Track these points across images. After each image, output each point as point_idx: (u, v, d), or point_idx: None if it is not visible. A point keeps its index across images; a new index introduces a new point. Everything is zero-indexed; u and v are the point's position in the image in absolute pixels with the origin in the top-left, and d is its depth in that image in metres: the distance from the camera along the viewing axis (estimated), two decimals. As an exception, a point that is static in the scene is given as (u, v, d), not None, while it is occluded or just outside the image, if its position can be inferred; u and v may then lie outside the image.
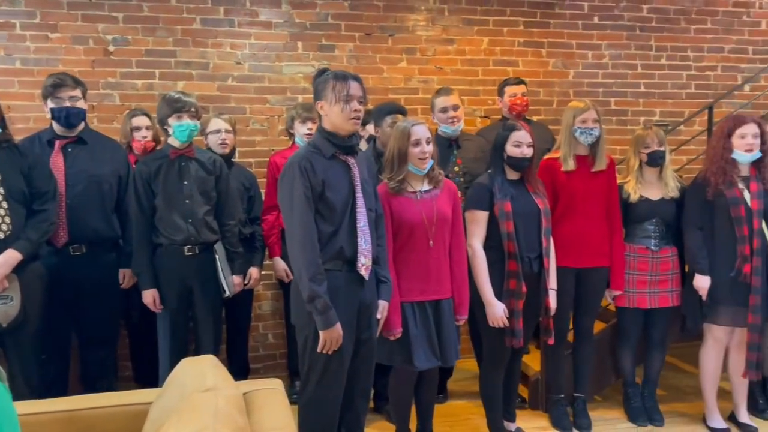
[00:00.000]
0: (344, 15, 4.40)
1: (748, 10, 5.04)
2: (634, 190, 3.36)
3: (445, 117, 3.48)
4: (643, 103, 4.95)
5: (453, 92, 3.57)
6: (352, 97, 2.37)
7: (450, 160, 3.49)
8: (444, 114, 3.49)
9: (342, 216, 2.39)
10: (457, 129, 3.51)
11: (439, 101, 3.53)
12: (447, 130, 3.49)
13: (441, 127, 3.53)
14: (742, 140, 3.12)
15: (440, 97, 3.54)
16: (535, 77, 4.73)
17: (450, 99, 3.50)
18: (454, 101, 3.50)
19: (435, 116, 3.56)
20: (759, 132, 3.12)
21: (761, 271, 3.08)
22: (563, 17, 4.77)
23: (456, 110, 3.49)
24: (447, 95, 3.53)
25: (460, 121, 3.52)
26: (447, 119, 3.48)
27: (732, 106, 4.77)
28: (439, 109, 3.51)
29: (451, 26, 4.59)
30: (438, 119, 3.54)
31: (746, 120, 3.15)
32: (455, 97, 3.53)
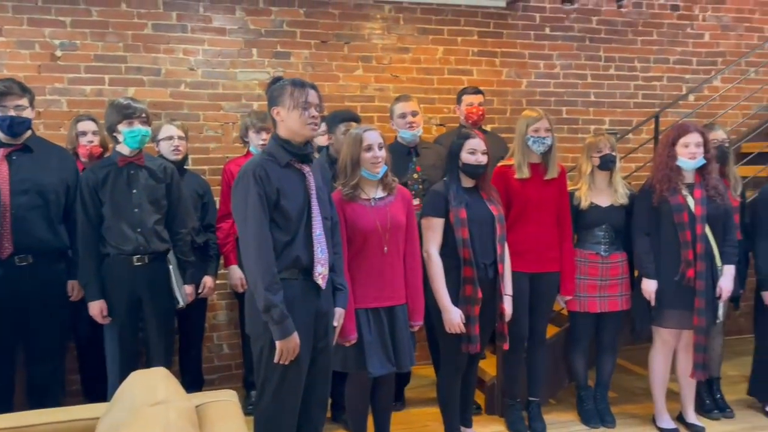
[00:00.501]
0: (299, 22, 4.39)
1: (691, 22, 5.24)
2: (585, 197, 3.44)
3: (404, 122, 3.52)
4: (593, 112, 5.08)
5: (412, 99, 3.64)
6: (310, 104, 2.37)
7: (409, 168, 3.53)
8: (403, 119, 3.53)
9: (298, 225, 2.38)
10: (416, 135, 3.55)
11: (398, 107, 3.57)
12: (406, 135, 3.53)
13: (400, 133, 3.56)
14: (685, 149, 3.23)
15: (399, 102, 3.59)
16: (489, 86, 4.80)
17: (409, 105, 3.55)
18: (413, 107, 3.55)
19: (394, 122, 3.60)
20: (702, 140, 3.24)
21: (705, 275, 3.19)
22: (516, 28, 4.87)
23: (415, 116, 3.54)
24: (406, 101, 3.59)
25: (418, 126, 3.56)
26: (405, 124, 3.52)
27: (677, 115, 4.94)
28: (398, 115, 3.55)
29: (406, 35, 4.63)
30: (397, 125, 3.58)
31: (689, 129, 3.26)
32: (414, 103, 3.59)
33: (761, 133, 5.06)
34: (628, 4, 5.08)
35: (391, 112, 3.64)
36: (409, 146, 3.57)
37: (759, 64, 5.18)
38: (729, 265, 3.30)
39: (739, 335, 5.00)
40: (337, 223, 2.63)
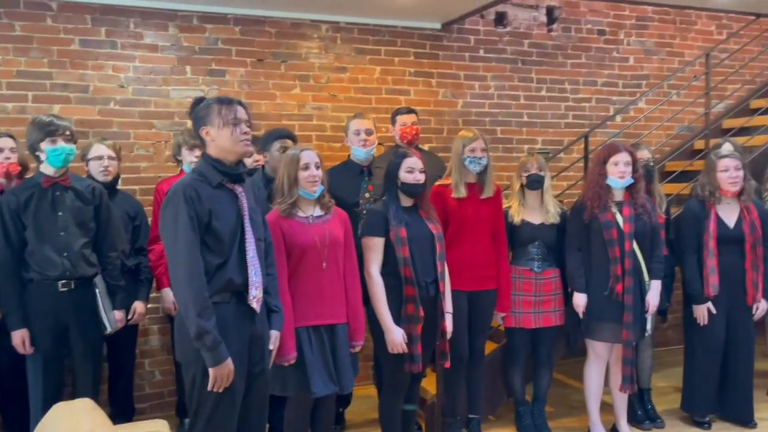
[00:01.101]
0: (235, 40, 4.34)
1: (617, 46, 5.47)
2: (517, 213, 3.52)
3: (358, 140, 3.54)
4: (526, 131, 5.22)
5: (368, 117, 3.67)
6: (240, 120, 2.33)
7: (362, 187, 3.52)
8: (357, 137, 3.55)
9: (230, 247, 2.32)
10: (370, 153, 3.56)
11: (353, 124, 3.59)
12: (359, 153, 3.53)
13: (353, 150, 3.56)
14: (615, 167, 3.35)
15: (354, 119, 3.61)
16: (426, 106, 4.87)
17: (363, 122, 3.58)
18: (367, 125, 3.57)
19: (348, 139, 3.60)
20: (630, 160, 3.37)
21: (633, 290, 3.30)
22: (451, 49, 4.96)
23: (369, 135, 3.56)
24: (361, 119, 3.62)
25: (372, 145, 3.57)
26: (359, 142, 3.53)
27: (605, 135, 5.13)
28: (353, 132, 3.57)
29: (343, 54, 4.64)
30: (351, 142, 3.58)
31: (619, 149, 3.39)
32: (369, 122, 3.62)
33: (683, 153, 5.33)
34: (558, 28, 5.27)
35: (346, 129, 3.65)
36: (362, 165, 3.57)
37: (680, 86, 5.45)
38: (656, 281, 3.42)
39: (667, 347, 5.19)
40: (271, 244, 2.59)
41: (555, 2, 5.20)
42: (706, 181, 3.62)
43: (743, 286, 3.54)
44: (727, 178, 3.52)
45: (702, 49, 5.55)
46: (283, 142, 3.29)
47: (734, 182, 3.51)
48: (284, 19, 4.45)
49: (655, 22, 5.57)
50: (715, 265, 3.54)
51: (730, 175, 3.51)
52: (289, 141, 3.32)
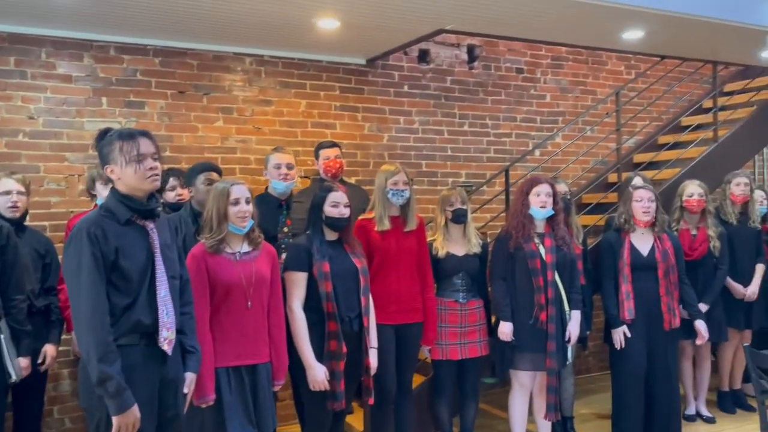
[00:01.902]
0: (155, 72, 4.24)
1: (534, 84, 5.70)
2: (441, 246, 3.56)
3: (278, 173, 3.47)
4: (450, 165, 5.32)
5: (289, 152, 3.62)
6: (144, 156, 2.22)
7: (279, 221, 3.46)
8: (277, 170, 3.48)
9: (139, 286, 2.21)
10: (289, 187, 3.51)
11: (273, 157, 3.53)
12: (278, 186, 3.47)
13: (272, 183, 3.50)
14: (537, 198, 3.46)
15: (275, 153, 3.56)
16: (352, 140, 4.89)
17: (285, 156, 3.53)
18: (288, 159, 3.52)
19: (267, 172, 3.53)
20: (551, 191, 3.49)
21: (555, 319, 3.39)
22: (376, 84, 5.03)
23: (290, 169, 3.51)
24: (282, 152, 3.57)
25: (293, 179, 3.52)
26: (279, 175, 3.47)
27: (525, 169, 5.30)
28: (273, 165, 3.50)
29: (268, 88, 4.62)
30: (270, 175, 3.51)
31: (541, 180, 3.52)
32: (290, 156, 3.57)
33: (598, 185, 5.57)
34: (479, 66, 5.45)
35: (265, 162, 3.58)
36: (280, 199, 3.51)
37: (594, 123, 5.72)
38: (575, 311, 3.53)
39: (588, 374, 5.33)
40: (188, 282, 2.48)
41: (476, 41, 5.37)
42: (623, 210, 3.79)
43: (660, 312, 3.68)
44: (640, 207, 3.69)
45: (613, 87, 5.85)
46: (208, 174, 3.22)
47: (647, 212, 3.69)
48: (207, 51, 4.39)
49: (569, 61, 5.85)
50: (630, 290, 3.69)
51: (644, 205, 3.69)
52: (215, 174, 3.25)
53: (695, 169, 5.03)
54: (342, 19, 3.91)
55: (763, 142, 5.90)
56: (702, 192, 4.05)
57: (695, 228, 4.07)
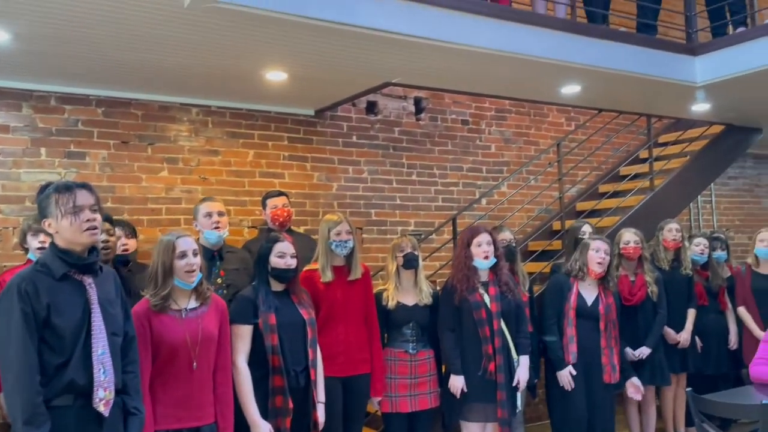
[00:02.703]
0: (97, 122, 4.17)
1: (480, 135, 5.85)
2: (392, 296, 3.54)
3: (210, 222, 3.40)
4: (399, 214, 5.36)
5: (218, 199, 3.58)
6: (81, 207, 2.16)
7: (213, 272, 3.38)
8: (209, 219, 3.41)
9: (73, 344, 2.11)
10: (222, 236, 3.45)
11: (203, 207, 3.46)
12: (211, 237, 3.40)
13: (205, 234, 3.43)
14: (479, 248, 3.50)
15: (205, 203, 3.50)
16: (301, 189, 4.89)
17: (215, 205, 3.48)
18: (218, 207, 3.47)
19: (198, 223, 3.46)
20: (491, 240, 3.54)
21: (504, 368, 3.39)
22: (325, 135, 5.07)
23: (221, 216, 3.45)
24: (212, 201, 3.52)
25: (225, 228, 3.46)
26: (212, 224, 3.40)
27: (472, 218, 5.38)
28: (203, 215, 3.43)
29: (215, 138, 4.59)
30: (201, 225, 3.44)
31: (480, 230, 3.58)
32: (220, 204, 3.52)
33: (543, 233, 5.71)
34: (425, 117, 5.57)
35: (195, 213, 3.51)
36: (213, 249, 3.44)
37: (537, 172, 5.89)
38: (524, 356, 3.54)
39: (539, 422, 5.32)
40: (134, 339, 2.39)
41: (422, 94, 5.51)
42: (577, 258, 3.86)
43: (600, 364, 3.74)
44: (596, 258, 3.78)
45: (554, 138, 6.06)
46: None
47: (601, 263, 3.78)
48: (152, 101, 4.36)
49: (512, 113, 6.04)
50: (574, 334, 3.75)
51: (600, 256, 3.78)
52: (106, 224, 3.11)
53: (634, 217, 5.21)
54: (290, 72, 3.96)
55: (697, 191, 6.19)
56: (638, 239, 4.19)
57: (633, 274, 4.19)
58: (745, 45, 4.29)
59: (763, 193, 7.91)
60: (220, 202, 3.53)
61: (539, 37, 3.89)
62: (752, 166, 7.82)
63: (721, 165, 6.19)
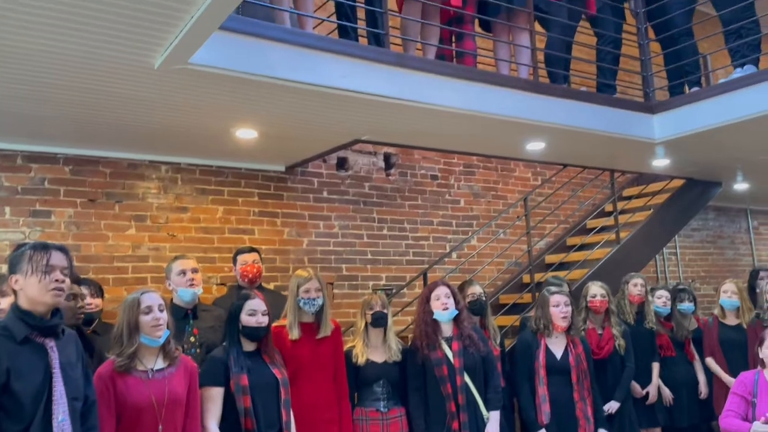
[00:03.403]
0: (64, 180, 4.14)
1: (449, 190, 5.94)
2: (361, 353, 3.50)
3: (184, 280, 3.35)
4: (370, 269, 5.36)
5: (191, 257, 3.54)
6: (53, 267, 2.16)
7: (186, 331, 3.31)
8: (183, 277, 3.36)
9: (33, 410, 2.05)
10: (197, 293, 3.40)
11: (176, 264, 3.41)
12: (185, 295, 3.35)
13: (178, 292, 3.37)
14: (437, 301, 3.52)
15: (178, 260, 3.44)
16: (272, 245, 4.87)
17: (188, 262, 3.43)
18: (192, 264, 3.43)
19: (171, 282, 3.40)
20: (450, 292, 3.56)
21: (470, 426, 3.35)
22: (295, 190, 5.09)
23: (195, 273, 3.40)
24: (185, 258, 3.47)
25: (199, 285, 3.41)
26: (186, 282, 3.35)
27: (443, 271, 5.41)
28: (177, 273, 3.37)
29: (184, 195, 4.58)
30: (175, 283, 3.38)
31: (438, 284, 3.61)
32: (194, 261, 3.47)
33: (514, 286, 5.74)
34: (395, 173, 5.64)
35: (167, 272, 3.45)
36: (187, 308, 3.38)
37: (506, 226, 5.98)
38: (494, 411, 3.50)
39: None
40: (94, 404, 2.32)
41: (392, 150, 5.60)
42: (540, 315, 3.87)
43: (574, 417, 3.72)
44: (558, 313, 3.80)
45: (522, 192, 6.19)
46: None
47: (565, 317, 3.80)
48: (121, 159, 4.35)
49: (480, 168, 6.16)
50: (545, 393, 3.72)
51: (561, 310, 3.80)
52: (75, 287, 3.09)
53: (601, 269, 5.29)
54: (260, 130, 4.00)
55: (662, 243, 6.33)
56: (604, 292, 4.24)
57: (600, 327, 4.22)
58: (701, 104, 4.47)
59: (726, 244, 8.14)
60: (193, 259, 3.49)
61: (503, 97, 4.02)
62: (714, 218, 8.06)
63: (684, 218, 6.36)
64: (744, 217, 8.42)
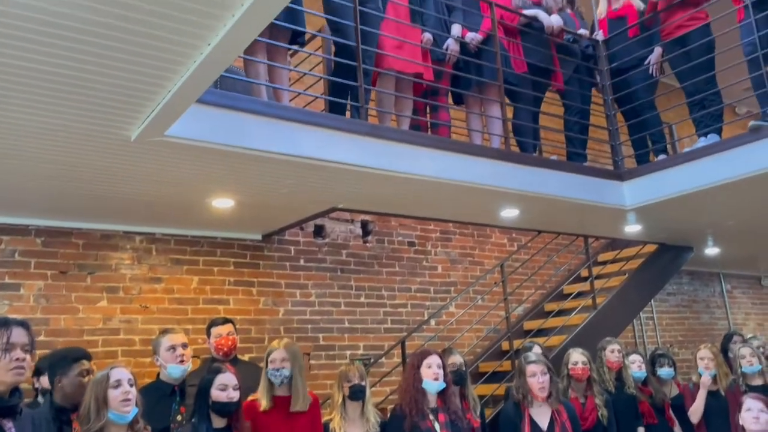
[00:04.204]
0: (35, 252, 4.07)
1: (426, 256, 5.96)
2: (339, 427, 3.39)
3: (174, 356, 3.25)
4: (348, 338, 5.28)
5: (180, 331, 3.45)
6: (14, 345, 2.08)
7: (172, 409, 3.20)
8: (172, 353, 3.26)
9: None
10: (186, 369, 3.30)
11: (165, 339, 3.31)
12: (175, 371, 3.25)
13: (168, 369, 3.26)
14: (429, 370, 3.45)
15: (167, 335, 3.35)
16: (247, 315, 4.79)
17: (178, 337, 3.35)
18: (182, 339, 3.35)
19: (160, 357, 3.30)
20: (441, 363, 3.50)
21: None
22: (272, 259, 5.06)
23: (185, 348, 3.32)
24: (174, 333, 3.38)
25: (189, 361, 3.32)
26: (176, 358, 3.25)
27: (422, 339, 5.35)
28: (166, 348, 3.27)
29: (158, 265, 4.52)
30: (164, 359, 3.28)
31: (431, 352, 3.55)
32: (183, 335, 3.40)
33: (493, 353, 5.69)
34: (373, 240, 5.66)
35: (155, 346, 3.35)
36: (174, 384, 3.27)
37: (484, 292, 5.97)
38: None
39: None
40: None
41: (368, 217, 5.63)
42: (519, 385, 3.81)
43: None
44: (536, 383, 3.73)
45: (498, 258, 6.22)
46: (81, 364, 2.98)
47: (542, 387, 3.73)
48: (94, 230, 4.30)
49: (457, 235, 6.21)
50: (532, 467, 3.62)
51: (538, 380, 3.73)
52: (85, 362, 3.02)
53: (580, 335, 5.28)
54: (237, 199, 4.01)
55: (638, 308, 6.36)
56: (585, 360, 4.20)
57: (583, 396, 4.16)
58: (668, 171, 4.60)
59: (701, 308, 8.20)
60: (182, 333, 3.40)
61: (477, 166, 4.10)
62: (688, 282, 8.16)
63: (659, 282, 6.42)
64: (717, 281, 8.54)
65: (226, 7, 2.03)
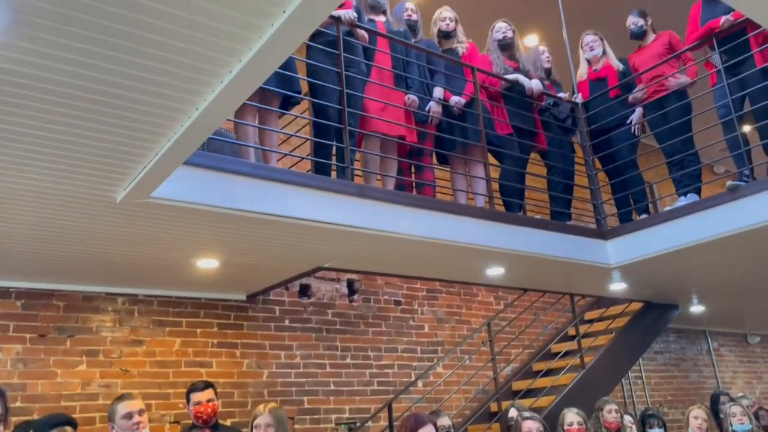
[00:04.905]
0: (15, 315, 3.99)
1: (412, 315, 5.90)
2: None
3: (130, 424, 3.12)
4: (333, 400, 5.16)
5: (137, 396, 3.31)
6: None
7: None
8: (128, 420, 3.12)
9: None
10: None
11: (121, 407, 3.17)
12: None
13: None
14: None
15: (123, 401, 3.21)
16: (230, 378, 4.68)
17: (135, 403, 3.20)
18: (139, 405, 3.21)
19: (115, 425, 3.17)
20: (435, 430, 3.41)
21: None
22: (256, 319, 4.99)
23: (142, 415, 3.18)
24: (131, 399, 3.23)
25: (146, 427, 3.19)
26: (132, 426, 3.12)
27: (409, 401, 5.23)
28: (122, 416, 3.14)
29: (140, 327, 4.43)
30: (119, 427, 3.15)
31: (425, 421, 3.44)
32: (140, 401, 3.26)
33: (482, 415, 5.57)
34: (359, 299, 5.61)
35: (110, 414, 3.20)
36: None
37: (471, 351, 5.90)
38: None
39: None
40: None
41: (354, 276, 5.60)
42: None
43: None
44: None
45: (485, 317, 6.18)
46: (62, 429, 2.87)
47: None
48: (76, 291, 4.23)
49: (443, 293, 6.18)
50: None
51: None
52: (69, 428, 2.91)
53: (569, 396, 5.19)
54: (221, 260, 3.98)
55: (626, 367, 6.30)
56: (581, 420, 4.12)
57: (578, 458, 4.07)
58: (649, 230, 4.66)
59: (689, 366, 8.15)
60: (139, 399, 3.28)
61: (462, 225, 4.13)
62: (675, 341, 8.13)
63: (645, 341, 6.39)
64: (704, 339, 8.52)
65: (215, 74, 2.08)
